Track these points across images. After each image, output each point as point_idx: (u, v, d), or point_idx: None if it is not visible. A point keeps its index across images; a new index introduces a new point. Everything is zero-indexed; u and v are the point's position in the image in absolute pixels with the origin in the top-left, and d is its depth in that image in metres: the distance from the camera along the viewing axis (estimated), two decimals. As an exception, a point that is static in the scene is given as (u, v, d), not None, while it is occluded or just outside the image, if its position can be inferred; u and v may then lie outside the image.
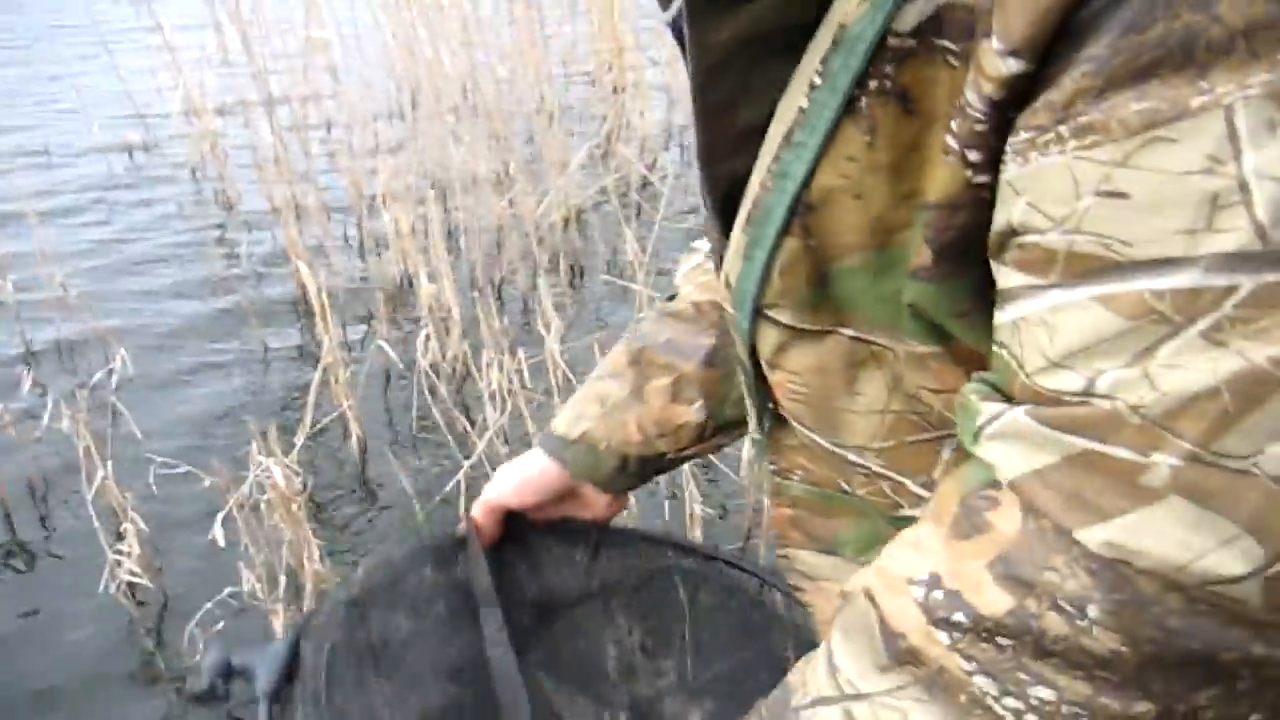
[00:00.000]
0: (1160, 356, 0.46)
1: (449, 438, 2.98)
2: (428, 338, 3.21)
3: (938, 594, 0.52)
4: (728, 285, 0.69)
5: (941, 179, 0.54)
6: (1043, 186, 0.49)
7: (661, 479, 2.65)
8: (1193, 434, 0.45)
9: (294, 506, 2.48)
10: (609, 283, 3.84)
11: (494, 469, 3.03)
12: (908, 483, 0.70)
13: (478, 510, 1.02)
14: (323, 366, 3.02)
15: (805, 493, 0.79)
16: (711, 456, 2.40)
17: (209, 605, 2.35)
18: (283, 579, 2.43)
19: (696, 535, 2.48)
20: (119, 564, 2.48)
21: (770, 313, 0.67)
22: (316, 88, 4.98)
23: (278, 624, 2.35)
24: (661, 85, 5.94)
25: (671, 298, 1.04)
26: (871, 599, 0.56)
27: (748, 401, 0.82)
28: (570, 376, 2.95)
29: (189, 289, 4.20)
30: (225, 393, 3.47)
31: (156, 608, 2.57)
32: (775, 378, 0.71)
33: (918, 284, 0.58)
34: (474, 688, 0.92)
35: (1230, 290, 0.44)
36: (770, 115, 0.62)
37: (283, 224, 3.88)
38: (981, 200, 0.53)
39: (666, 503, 2.71)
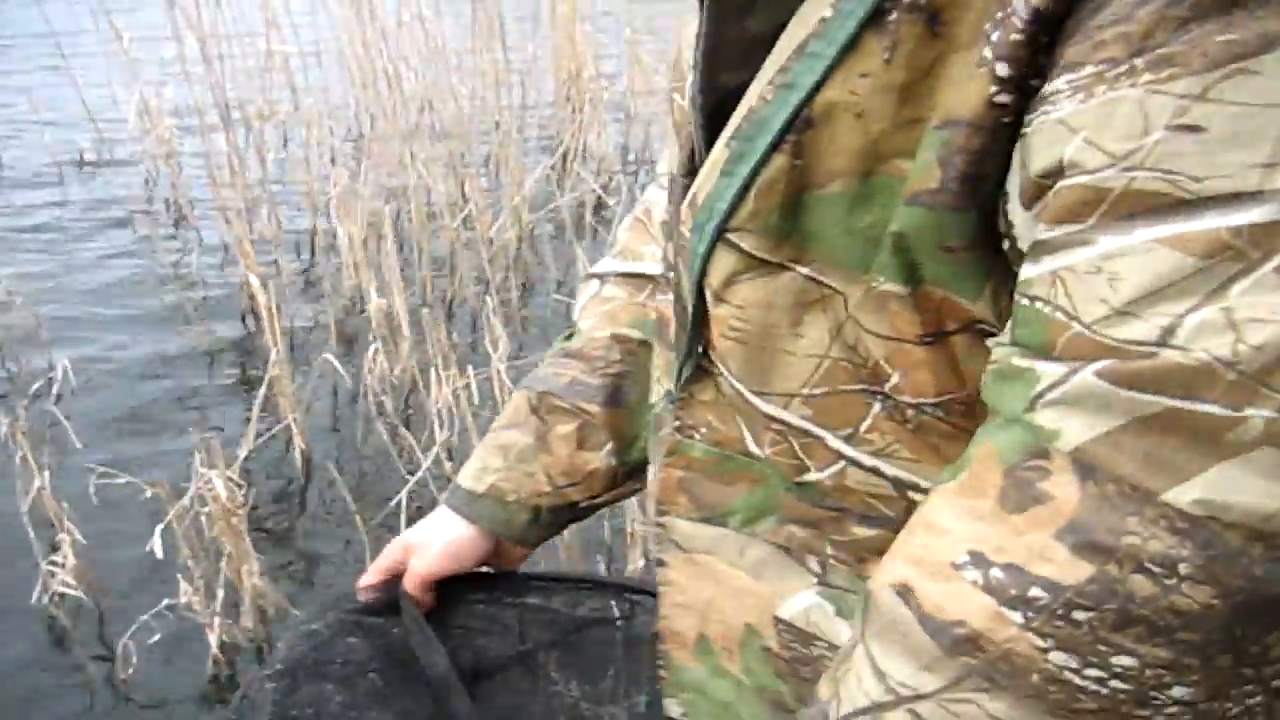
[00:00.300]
0: (1233, 294, 0.45)
1: (394, 454, 2.97)
2: (375, 353, 3.21)
3: (998, 573, 0.51)
4: (693, 205, 0.67)
5: (969, 95, 0.53)
6: (1105, 122, 0.48)
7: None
8: None
9: (234, 519, 2.47)
10: (559, 302, 3.85)
11: (438, 488, 3.02)
12: (827, 437, 0.67)
13: (411, 584, 0.98)
14: (269, 379, 3.02)
15: (705, 453, 0.76)
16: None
17: (145, 618, 2.34)
18: (221, 592, 2.42)
19: (636, 557, 2.49)
20: (53, 575, 2.46)
21: (733, 236, 0.65)
22: (274, 101, 4.97)
23: (213, 637, 2.34)
24: (620, 107, 5.99)
25: (570, 336, 1.01)
26: (906, 593, 0.55)
27: (670, 351, 0.80)
28: (518, 394, 2.95)
29: (136, 299, 4.17)
30: (170, 404, 3.44)
31: (91, 620, 2.54)
32: (718, 312, 0.69)
33: (914, 210, 0.57)
34: None
35: None
36: (779, 28, 0.61)
37: (234, 236, 3.86)
38: (999, 125, 0.53)
39: (606, 524, 2.72)
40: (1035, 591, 0.50)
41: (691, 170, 0.71)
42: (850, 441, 0.67)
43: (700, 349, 0.73)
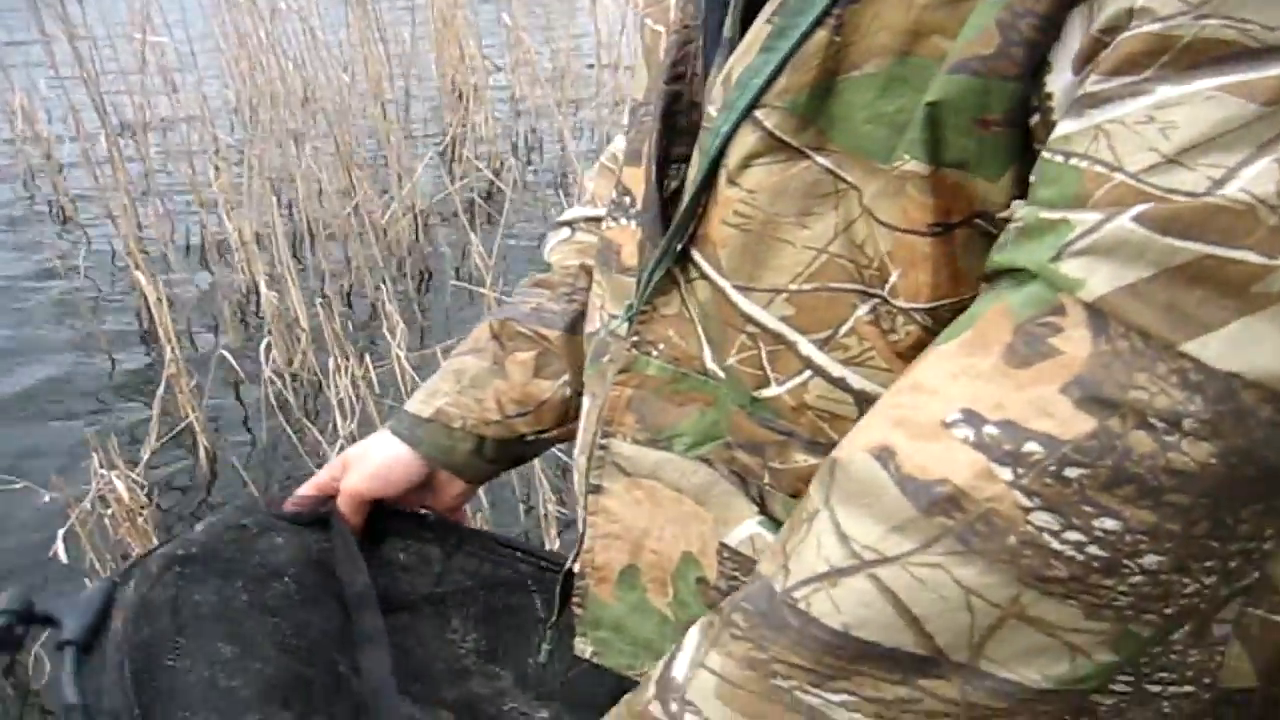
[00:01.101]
0: None
1: (299, 447, 2.96)
2: (269, 346, 3.19)
3: (992, 429, 0.51)
4: (726, 82, 0.67)
5: None
6: None
7: (514, 478, 2.69)
8: None
9: (139, 519, 2.45)
10: (458, 289, 3.85)
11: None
12: (799, 342, 0.67)
13: (342, 500, 0.96)
14: (166, 377, 2.98)
15: (660, 370, 0.76)
16: (566, 457, 2.45)
17: (54, 624, 2.30)
18: (131, 594, 2.39)
19: (552, 537, 2.52)
20: (-45, 585, 2.40)
21: (760, 114, 0.64)
22: (151, 95, 4.86)
23: (127, 639, 2.31)
24: (505, 93, 5.98)
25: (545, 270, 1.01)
26: (885, 455, 0.54)
27: (620, 274, 0.81)
28: (420, 383, 2.95)
29: (25, 302, 4.07)
30: (67, 407, 3.37)
31: (-2, 629, 2.49)
32: (728, 194, 0.68)
33: (958, 78, 0.56)
34: (322, 667, 0.89)
35: None
36: None
37: (121, 234, 3.79)
38: None
39: (520, 505, 2.75)
40: (1030, 446, 0.50)
41: (676, 77, 0.74)
42: (824, 346, 0.66)
43: (680, 247, 0.72)
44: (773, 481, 0.71)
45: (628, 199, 0.84)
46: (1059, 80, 0.54)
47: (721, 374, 0.72)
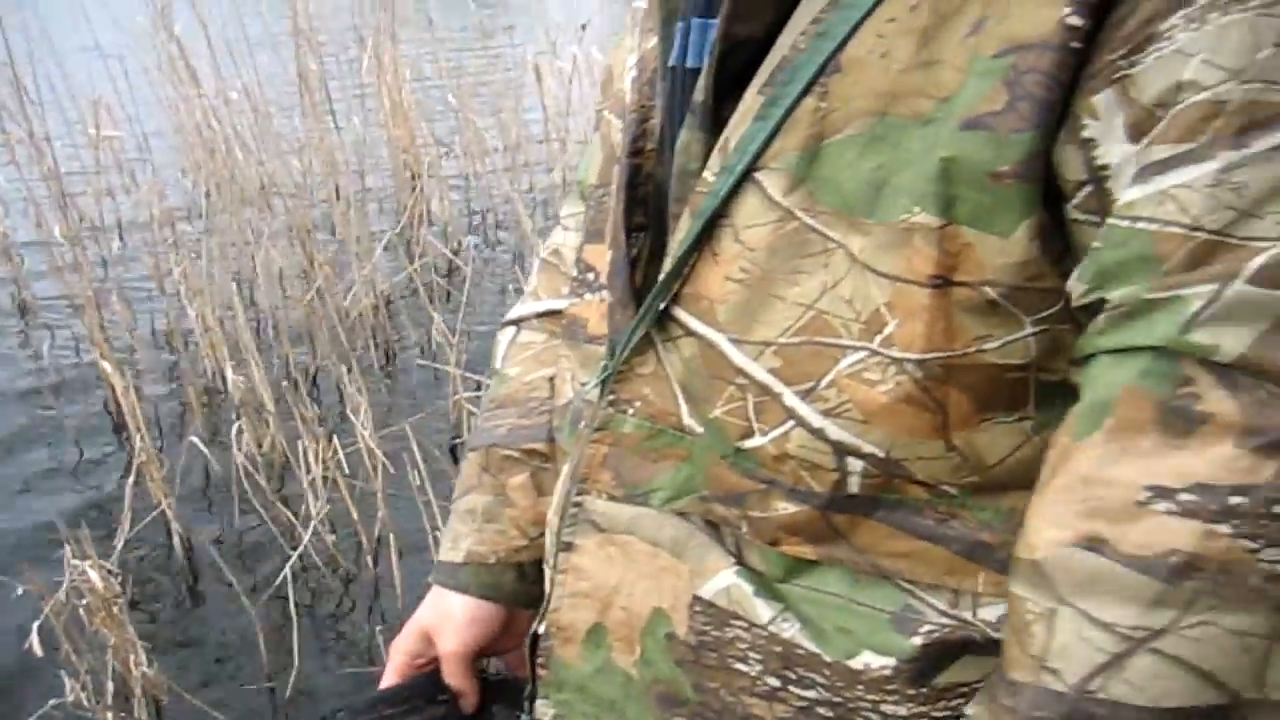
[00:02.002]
0: None
1: (273, 529, 2.97)
2: (239, 431, 3.21)
3: (1190, 496, 0.55)
4: (724, 149, 0.71)
5: (1042, 19, 0.58)
6: (1220, 43, 0.54)
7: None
8: None
9: (115, 609, 2.44)
10: (423, 366, 3.89)
11: (322, 560, 3.03)
12: (784, 393, 0.70)
13: (450, 668, 0.95)
14: (136, 466, 2.99)
15: (636, 427, 0.78)
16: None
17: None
18: (110, 685, 2.39)
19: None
20: (-70, 684, 2.39)
21: (759, 175, 0.69)
22: (109, 186, 4.89)
23: (108, 731, 2.31)
24: (459, 174, 6.06)
25: (497, 383, 1.02)
26: (1097, 544, 0.57)
27: (588, 344, 0.84)
28: (388, 462, 2.99)
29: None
30: (37, 500, 3.36)
31: (-23, 726, 2.47)
32: (732, 250, 0.71)
33: (972, 133, 0.61)
34: None
35: None
36: None
37: (85, 324, 3.80)
38: (1068, 48, 0.58)
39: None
40: (1234, 500, 0.54)
41: (637, 152, 0.80)
42: (807, 397, 0.69)
43: (662, 307, 0.75)
44: (750, 531, 0.74)
45: (590, 275, 0.87)
46: (1115, 151, 0.59)
47: (700, 429, 0.75)
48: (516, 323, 1.04)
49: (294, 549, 2.83)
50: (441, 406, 3.62)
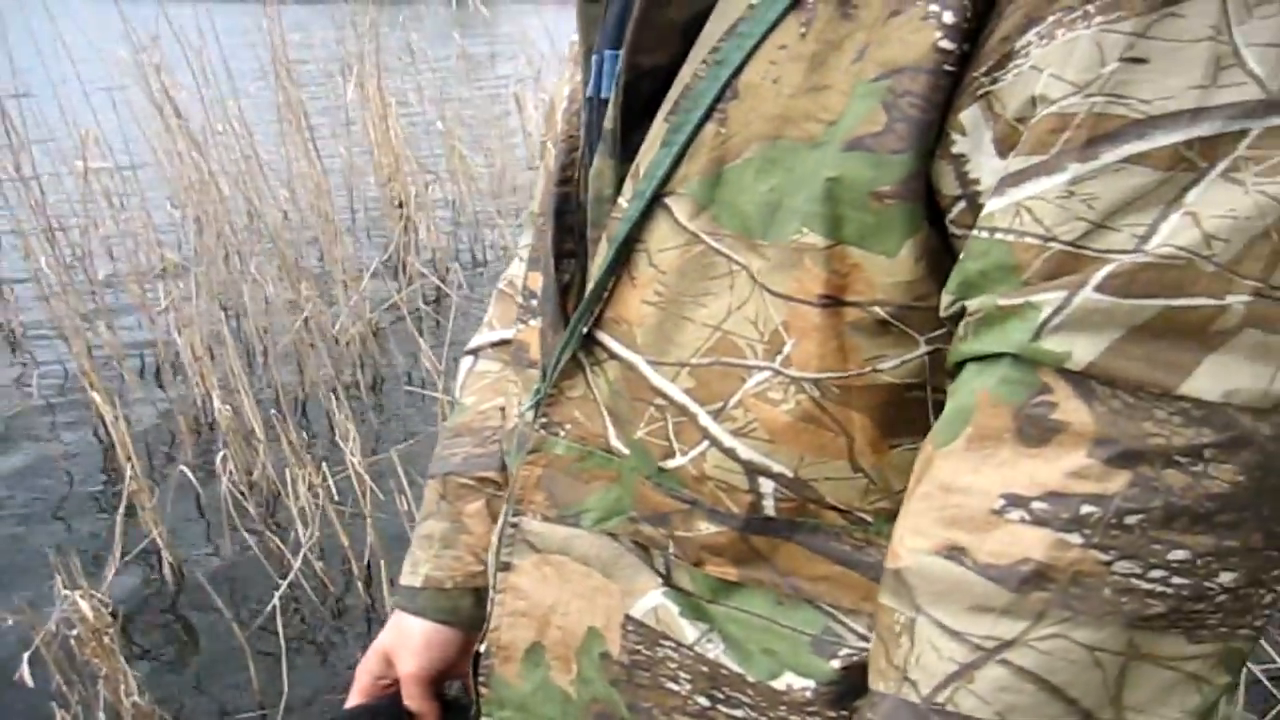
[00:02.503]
0: (1189, 200, 0.53)
1: (263, 558, 2.98)
2: (225, 459, 3.21)
3: (1042, 505, 0.55)
4: (634, 175, 0.72)
5: (915, 43, 0.59)
6: (1067, 58, 0.55)
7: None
8: (1255, 272, 0.52)
9: (105, 639, 2.44)
10: (411, 393, 3.90)
11: (311, 587, 3.04)
12: (699, 414, 0.71)
13: (409, 689, 0.97)
14: (127, 495, 2.99)
15: (567, 449, 0.80)
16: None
17: (23, 751, 2.29)
18: (101, 716, 2.39)
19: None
20: (-80, 719, 2.39)
21: (668, 200, 0.70)
22: (97, 215, 4.90)
23: (98, 761, 2.31)
24: (445, 200, 6.09)
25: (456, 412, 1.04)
26: (956, 553, 0.58)
27: (529, 368, 0.85)
28: (376, 489, 3.00)
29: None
30: (27, 530, 3.36)
31: (-32, 760, 2.46)
32: (647, 274, 0.72)
33: (853, 154, 0.62)
34: None
35: (1242, 134, 0.52)
36: (698, 16, 0.69)
37: (74, 355, 3.81)
38: (942, 71, 0.59)
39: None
40: (1086, 509, 0.54)
41: (565, 179, 0.81)
42: (717, 418, 0.70)
43: (585, 330, 0.76)
44: (677, 551, 0.75)
45: (534, 301, 0.89)
46: (985, 165, 0.59)
47: (626, 450, 0.76)
48: (475, 352, 1.07)
49: (283, 576, 2.83)
50: (429, 433, 3.63)
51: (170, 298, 3.93)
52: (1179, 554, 0.54)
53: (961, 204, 0.61)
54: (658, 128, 0.71)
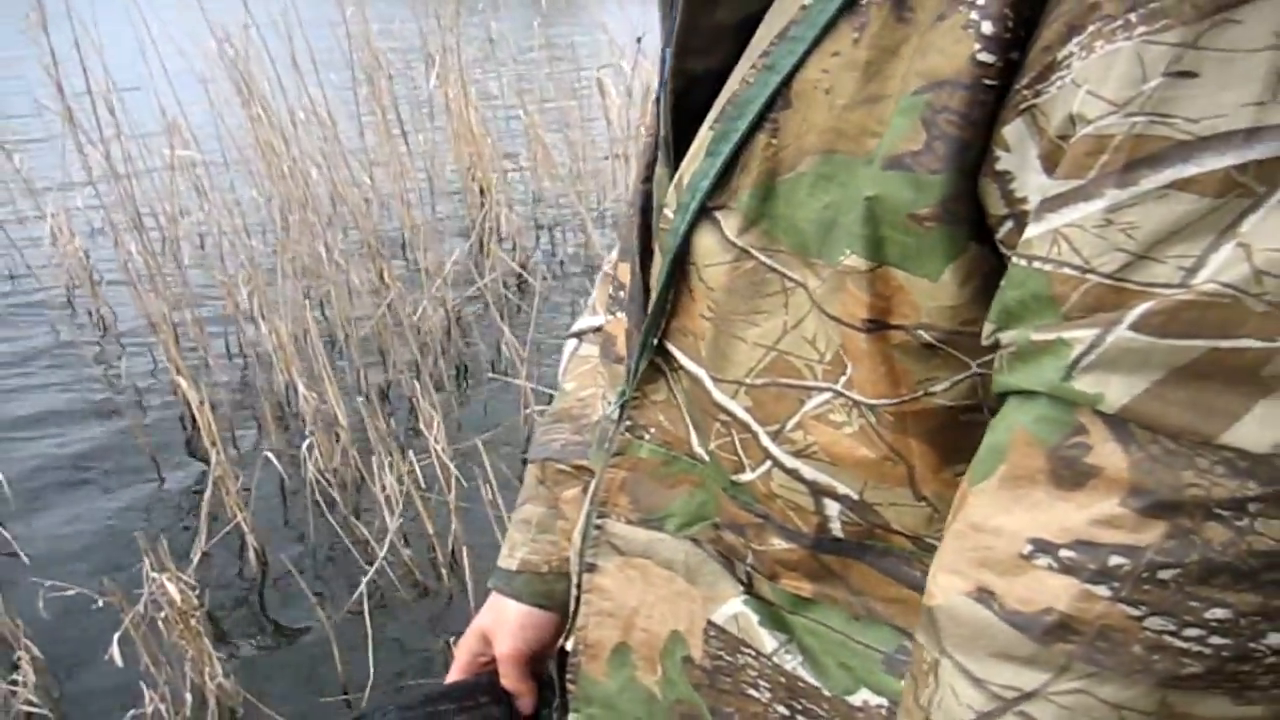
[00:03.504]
0: (1244, 230, 0.46)
1: (349, 544, 2.98)
2: (311, 446, 3.22)
3: (1070, 553, 0.51)
4: (679, 186, 0.69)
5: (954, 56, 0.54)
6: (1105, 74, 0.49)
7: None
8: None
9: (192, 621, 2.46)
10: (494, 380, 3.89)
11: (397, 575, 3.05)
12: (760, 433, 0.69)
13: (505, 669, 0.98)
14: (213, 480, 3.01)
15: (652, 453, 0.79)
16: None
17: (112, 730, 2.31)
18: (188, 697, 2.41)
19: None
20: (14, 694, 2.42)
21: (717, 213, 0.67)
22: (185, 205, 4.96)
23: (186, 742, 2.32)
24: (525, 189, 6.08)
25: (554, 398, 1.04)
26: (986, 596, 0.54)
27: (617, 364, 0.83)
28: (460, 477, 2.98)
29: (70, 412, 4.11)
30: (116, 514, 3.40)
31: (59, 737, 2.49)
32: (699, 290, 0.70)
33: (893, 174, 0.57)
34: None
35: None
36: (751, 18, 0.65)
37: (161, 341, 3.85)
38: (981, 85, 0.54)
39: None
40: (1115, 560, 0.49)
41: (649, 177, 0.77)
42: (775, 439, 0.69)
43: (655, 341, 0.75)
44: (755, 562, 0.74)
45: (621, 293, 0.87)
46: (1031, 183, 0.54)
47: (706, 457, 0.75)
48: (579, 335, 1.06)
49: (369, 562, 2.83)
50: (513, 420, 3.62)
51: (255, 285, 3.95)
52: (1219, 612, 0.48)
53: (1009, 224, 0.56)
54: (702, 136, 0.67)
